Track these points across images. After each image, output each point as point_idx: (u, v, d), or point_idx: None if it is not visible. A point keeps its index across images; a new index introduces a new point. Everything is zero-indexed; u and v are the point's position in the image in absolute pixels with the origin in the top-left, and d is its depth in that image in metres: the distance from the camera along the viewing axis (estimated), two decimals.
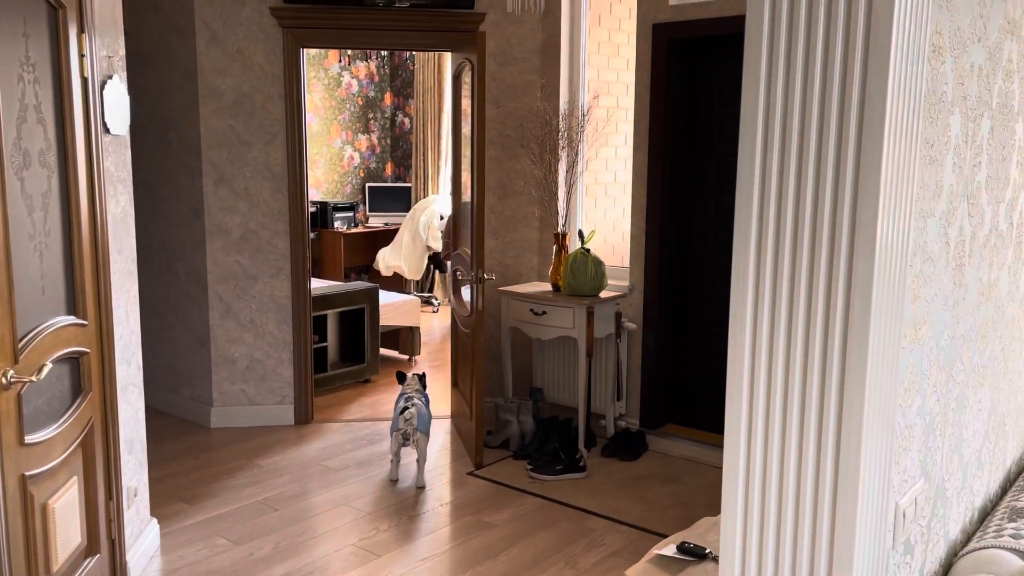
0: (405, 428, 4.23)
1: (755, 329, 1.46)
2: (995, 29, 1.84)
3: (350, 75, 8.98)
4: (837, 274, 1.37)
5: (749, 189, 1.44)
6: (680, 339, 4.91)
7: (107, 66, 3.13)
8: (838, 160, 1.35)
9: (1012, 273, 2.26)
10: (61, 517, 2.69)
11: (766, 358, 1.45)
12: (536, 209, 5.20)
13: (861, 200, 1.34)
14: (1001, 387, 2.30)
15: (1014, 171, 2.16)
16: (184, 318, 5.20)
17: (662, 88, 4.57)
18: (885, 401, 1.44)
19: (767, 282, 1.44)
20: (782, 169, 1.40)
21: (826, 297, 1.39)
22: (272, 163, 4.97)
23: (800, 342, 1.42)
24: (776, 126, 1.40)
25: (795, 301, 1.41)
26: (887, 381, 1.44)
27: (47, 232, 2.63)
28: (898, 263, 1.42)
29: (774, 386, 1.45)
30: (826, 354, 1.40)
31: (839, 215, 1.36)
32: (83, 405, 2.86)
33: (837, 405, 1.40)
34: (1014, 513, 2.13)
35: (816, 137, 1.37)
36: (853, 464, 1.39)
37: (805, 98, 1.37)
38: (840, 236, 1.36)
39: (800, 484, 1.45)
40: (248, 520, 3.89)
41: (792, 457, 1.45)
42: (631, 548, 3.65)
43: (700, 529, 2.26)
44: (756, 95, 1.41)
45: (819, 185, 1.37)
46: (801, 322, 1.41)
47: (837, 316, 1.38)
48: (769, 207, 1.42)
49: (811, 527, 1.45)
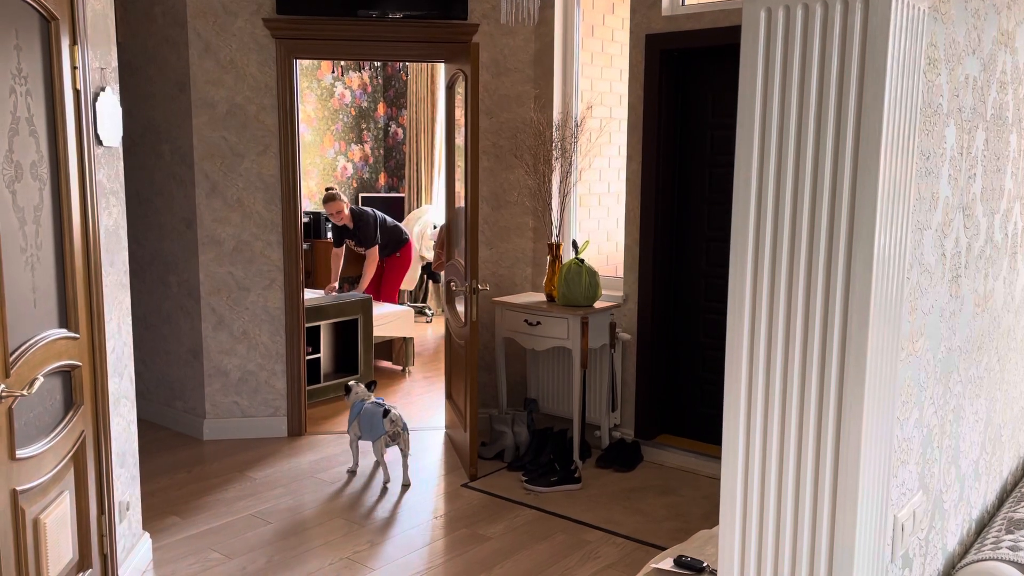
0: (392, 430, 4.35)
1: (752, 343, 1.45)
2: (989, 41, 1.85)
3: (343, 86, 8.98)
4: (834, 287, 1.37)
5: (746, 202, 1.43)
6: (674, 349, 4.90)
7: (100, 78, 3.12)
8: (835, 173, 1.35)
9: (1007, 284, 2.27)
10: (53, 532, 2.67)
11: (763, 372, 1.44)
12: (530, 220, 5.20)
13: (858, 213, 1.34)
14: (997, 398, 2.30)
15: (1009, 182, 2.16)
16: (177, 330, 5.17)
17: (655, 98, 4.58)
18: (883, 414, 1.44)
19: (764, 295, 1.43)
20: (778, 183, 1.40)
21: (823, 310, 1.38)
22: (265, 174, 4.96)
23: (797, 355, 1.41)
24: (772, 140, 1.39)
25: (792, 314, 1.41)
26: (885, 394, 1.44)
27: (39, 245, 2.61)
28: (895, 276, 1.41)
29: (771, 400, 1.44)
30: (824, 368, 1.39)
31: (836, 228, 1.36)
32: (75, 419, 2.84)
33: (835, 419, 1.39)
34: (1011, 525, 2.13)
35: (812, 150, 1.36)
36: (852, 478, 1.38)
37: (801, 111, 1.36)
38: (837, 249, 1.36)
39: (798, 498, 1.44)
40: (241, 533, 3.86)
41: (790, 471, 1.44)
42: (627, 560, 3.64)
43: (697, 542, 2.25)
44: (752, 108, 1.41)
45: (816, 198, 1.37)
46: (798, 335, 1.41)
47: (835, 329, 1.37)
48: (766, 221, 1.42)
49: (810, 541, 1.44)
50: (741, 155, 1.43)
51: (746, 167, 1.43)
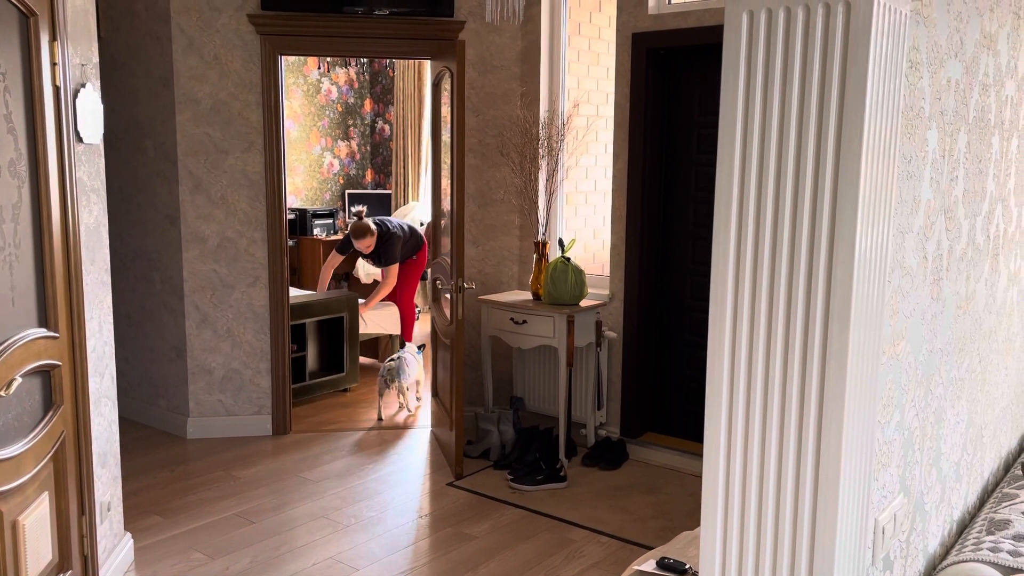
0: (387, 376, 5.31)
1: (734, 346, 1.45)
2: (972, 44, 1.85)
3: (329, 81, 8.93)
4: (816, 290, 1.36)
5: (727, 205, 1.43)
6: (660, 347, 4.90)
7: (80, 74, 3.09)
8: (816, 177, 1.35)
9: (989, 286, 2.27)
10: (32, 534, 2.64)
11: (745, 376, 1.44)
12: (516, 218, 5.19)
13: (839, 216, 1.33)
14: (979, 399, 2.30)
15: (991, 184, 2.17)
16: (160, 328, 5.14)
17: (641, 97, 4.57)
18: (864, 418, 1.44)
19: (746, 299, 1.43)
20: (760, 187, 1.39)
21: (804, 313, 1.38)
22: (250, 171, 4.93)
23: (778, 358, 1.40)
24: (754, 143, 1.39)
25: (773, 317, 1.40)
26: (866, 397, 1.43)
27: (17, 244, 2.58)
28: (876, 279, 1.41)
29: (753, 404, 1.43)
30: (804, 371, 1.39)
31: (817, 231, 1.35)
32: (54, 419, 2.81)
33: (816, 423, 1.39)
34: (992, 525, 2.13)
35: (794, 154, 1.36)
36: (832, 482, 1.38)
37: (783, 114, 1.36)
38: (819, 252, 1.35)
39: (779, 502, 1.43)
40: (224, 533, 3.84)
41: (771, 476, 1.43)
42: (611, 559, 3.64)
43: (680, 544, 2.25)
44: (734, 111, 1.40)
45: (797, 201, 1.36)
46: (779, 338, 1.40)
47: (816, 332, 1.37)
48: (747, 224, 1.41)
49: (791, 545, 1.44)
50: (723, 160, 1.42)
51: (727, 172, 1.42)
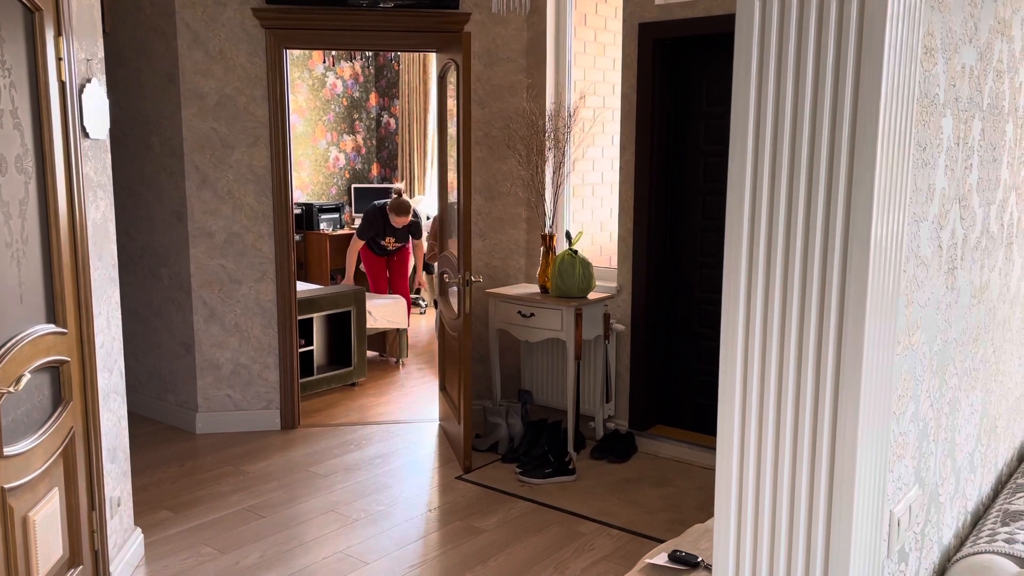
0: None
1: (747, 339, 1.43)
2: (986, 29, 1.82)
3: (335, 76, 8.92)
4: (830, 281, 1.35)
5: (740, 195, 1.41)
6: (668, 340, 4.89)
7: (85, 69, 3.08)
8: (831, 165, 1.33)
9: (1003, 275, 2.25)
10: (42, 529, 2.64)
11: (758, 368, 1.42)
12: (523, 210, 5.17)
13: (854, 205, 1.31)
14: (992, 389, 2.28)
15: (1005, 172, 2.14)
16: (168, 323, 5.14)
17: (648, 88, 4.55)
18: (880, 409, 1.42)
19: (759, 290, 1.41)
20: (773, 176, 1.38)
21: (819, 304, 1.36)
22: (256, 165, 4.92)
23: (793, 351, 1.39)
24: (767, 131, 1.37)
25: (788, 308, 1.39)
26: (882, 389, 1.42)
27: (25, 240, 2.58)
28: (892, 268, 1.39)
29: (767, 397, 1.42)
30: (820, 363, 1.37)
31: (832, 220, 1.33)
32: (64, 415, 2.81)
33: (831, 415, 1.37)
34: (1007, 517, 2.11)
35: (808, 142, 1.34)
36: (848, 474, 1.37)
37: (797, 101, 1.34)
38: (833, 242, 1.33)
39: (794, 495, 1.42)
40: (234, 528, 3.84)
41: (786, 469, 1.42)
42: (621, 552, 3.63)
43: (691, 536, 2.24)
44: (747, 98, 1.38)
45: (811, 190, 1.35)
46: (794, 329, 1.38)
47: (831, 324, 1.35)
48: (761, 214, 1.39)
49: (806, 538, 1.42)
50: (735, 149, 1.41)
51: (740, 161, 1.40)
